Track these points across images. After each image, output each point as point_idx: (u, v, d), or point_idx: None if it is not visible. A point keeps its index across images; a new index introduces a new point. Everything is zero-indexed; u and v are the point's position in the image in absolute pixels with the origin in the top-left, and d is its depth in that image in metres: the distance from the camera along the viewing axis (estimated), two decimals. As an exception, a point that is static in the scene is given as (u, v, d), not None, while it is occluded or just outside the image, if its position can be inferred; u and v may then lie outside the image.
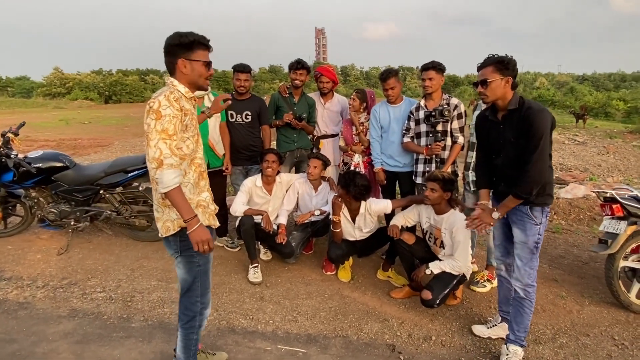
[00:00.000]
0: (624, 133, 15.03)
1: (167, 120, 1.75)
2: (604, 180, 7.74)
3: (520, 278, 2.39)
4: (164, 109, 1.77)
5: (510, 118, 2.29)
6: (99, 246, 4.14)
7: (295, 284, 3.44)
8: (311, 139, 4.26)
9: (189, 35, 1.84)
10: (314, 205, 3.83)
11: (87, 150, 10.89)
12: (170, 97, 1.79)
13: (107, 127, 17.34)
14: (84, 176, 3.98)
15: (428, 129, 3.45)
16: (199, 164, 2.00)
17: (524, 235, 2.35)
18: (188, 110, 1.88)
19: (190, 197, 1.94)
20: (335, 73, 4.22)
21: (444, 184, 2.93)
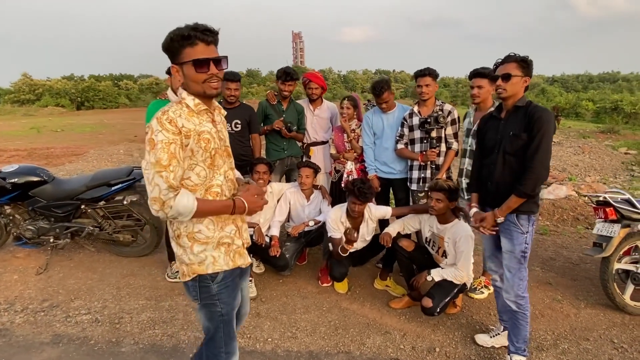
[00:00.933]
0: (596, 133, 15.58)
1: (159, 149, 1.45)
2: (583, 180, 7.96)
3: (510, 289, 2.39)
4: (156, 135, 1.47)
5: (515, 114, 2.30)
6: (81, 264, 3.93)
7: (292, 298, 3.34)
8: (301, 146, 4.18)
9: (172, 33, 1.50)
10: (306, 215, 3.75)
11: (60, 159, 10.45)
12: (163, 119, 1.48)
13: (81, 135, 16.74)
14: (63, 191, 3.76)
15: (422, 135, 3.43)
16: (217, 193, 1.64)
17: (511, 244, 2.34)
18: (190, 131, 1.53)
19: (210, 235, 1.63)
20: (323, 79, 4.16)
21: (450, 194, 2.90)
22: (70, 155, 11.17)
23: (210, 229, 1.64)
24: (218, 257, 1.65)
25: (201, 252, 1.62)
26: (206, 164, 1.59)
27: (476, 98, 3.18)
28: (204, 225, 1.62)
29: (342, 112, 3.82)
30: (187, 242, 1.62)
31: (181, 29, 1.48)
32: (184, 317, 3.02)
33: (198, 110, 1.59)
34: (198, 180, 1.59)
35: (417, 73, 3.42)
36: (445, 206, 2.91)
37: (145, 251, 4.06)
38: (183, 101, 1.58)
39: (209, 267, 1.63)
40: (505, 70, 2.27)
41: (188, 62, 1.50)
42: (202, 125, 1.58)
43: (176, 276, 3.59)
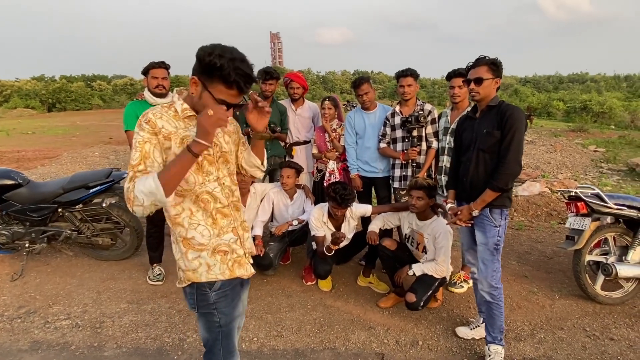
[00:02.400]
0: (567, 131, 16.15)
1: (133, 149, 1.45)
2: (555, 177, 8.25)
3: (484, 280, 2.48)
4: (136, 133, 1.47)
5: (488, 113, 2.41)
6: (59, 269, 3.83)
7: (276, 297, 3.35)
8: (284, 146, 4.19)
9: (218, 56, 1.36)
10: (290, 214, 3.77)
11: (32, 163, 10.10)
12: (142, 120, 1.47)
13: (53, 138, 16.21)
14: (39, 194, 3.66)
15: (404, 134, 3.50)
16: (207, 200, 1.58)
17: (484, 237, 2.44)
18: (171, 134, 1.48)
19: (205, 242, 1.58)
20: (305, 79, 4.19)
21: (429, 191, 2.98)
22: (42, 158, 10.81)
23: (205, 236, 1.59)
24: (213, 265, 1.61)
25: (195, 259, 1.59)
26: (192, 169, 1.53)
27: (457, 97, 3.28)
28: (198, 232, 1.58)
29: (324, 112, 3.86)
30: (183, 248, 1.60)
31: (230, 63, 1.37)
32: (167, 320, 3.00)
33: (184, 115, 1.54)
34: (187, 185, 1.54)
35: (399, 73, 3.50)
36: (425, 203, 2.99)
37: (125, 254, 4.00)
38: (172, 105, 1.55)
39: (202, 275, 1.59)
40: (476, 74, 2.37)
41: (212, 94, 1.42)
42: (187, 130, 1.52)
43: (158, 278, 3.55)
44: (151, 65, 3.26)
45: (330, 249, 3.19)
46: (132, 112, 3.27)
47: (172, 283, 3.48)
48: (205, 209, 1.59)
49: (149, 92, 3.29)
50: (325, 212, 3.37)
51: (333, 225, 3.39)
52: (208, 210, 1.59)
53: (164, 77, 3.29)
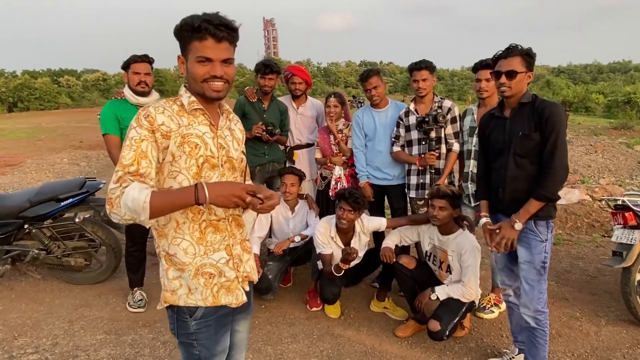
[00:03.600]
0: (609, 129, 16.16)
1: (127, 146, 1.44)
2: (596, 182, 8.26)
3: (529, 304, 2.47)
4: (129, 131, 1.48)
5: (521, 112, 2.39)
6: (24, 294, 3.85)
7: (277, 326, 3.35)
8: (283, 150, 4.22)
9: (183, 20, 1.49)
10: (291, 229, 3.79)
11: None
12: (141, 115, 1.49)
13: (15, 142, 16.30)
14: (2, 207, 3.68)
15: (420, 136, 3.52)
16: (200, 210, 1.56)
17: (529, 254, 2.43)
18: (172, 131, 1.50)
19: (187, 261, 1.56)
20: (308, 73, 4.23)
21: (453, 200, 2.98)
22: (2, 166, 10.87)
23: (189, 254, 1.56)
24: (195, 289, 1.58)
25: (175, 278, 1.58)
26: (190, 173, 1.52)
27: (484, 92, 3.30)
28: (181, 248, 1.56)
29: (328, 110, 3.87)
30: (165, 264, 1.60)
31: (193, 18, 1.47)
32: (150, 353, 3.00)
33: (190, 109, 1.56)
34: None
35: (412, 66, 3.52)
36: (448, 215, 3.00)
37: (101, 277, 4.01)
38: (179, 98, 1.59)
39: (181, 298, 1.58)
40: (509, 67, 2.34)
41: (192, 57, 1.50)
42: (190, 127, 1.54)
43: (139, 305, 3.55)
44: (132, 59, 3.29)
45: (339, 268, 3.19)
46: (111, 113, 3.30)
47: (155, 310, 3.49)
48: (193, 221, 1.56)
49: (129, 90, 3.32)
50: (332, 225, 3.38)
51: (342, 242, 3.40)
52: (197, 222, 1.57)
53: (147, 72, 3.32)
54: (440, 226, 3.08)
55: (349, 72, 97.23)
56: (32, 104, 44.36)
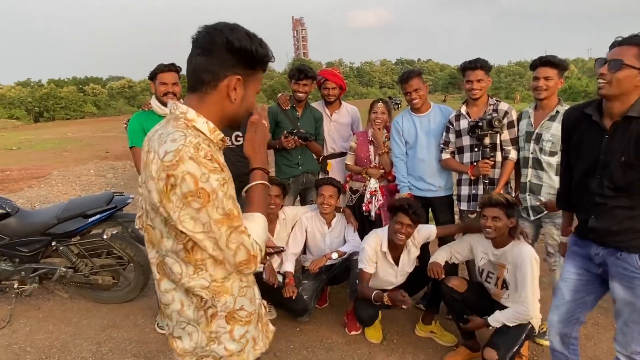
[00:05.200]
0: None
1: (221, 198, 1.25)
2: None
3: (625, 345, 2.24)
4: (204, 180, 1.21)
5: (626, 128, 2.05)
6: (52, 314, 3.97)
7: (313, 351, 3.33)
8: (316, 159, 4.21)
9: (263, 44, 1.38)
10: (327, 245, 3.76)
11: (18, 184, 10.66)
12: (201, 157, 1.22)
13: (42, 153, 17.08)
14: (30, 224, 3.83)
15: (473, 142, 3.44)
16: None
17: (631, 294, 2.14)
18: (224, 165, 1.32)
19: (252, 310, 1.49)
20: (342, 77, 4.21)
21: (507, 209, 2.89)
22: (29, 178, 11.39)
23: (252, 301, 1.48)
24: (257, 337, 1.52)
25: (242, 336, 1.45)
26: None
27: (542, 92, 3.18)
28: (248, 298, 1.46)
29: (375, 117, 3.80)
30: (225, 326, 1.42)
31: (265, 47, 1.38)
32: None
33: (215, 138, 1.38)
34: None
35: (466, 65, 3.45)
36: (503, 225, 2.90)
37: (130, 296, 4.10)
38: (190, 124, 1.33)
39: (249, 354, 1.47)
40: (616, 55, 2.00)
41: (253, 87, 1.43)
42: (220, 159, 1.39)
43: None
44: (159, 68, 3.36)
45: (380, 296, 3.10)
46: (138, 126, 3.37)
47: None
48: None
49: (156, 101, 3.40)
50: (384, 239, 3.32)
51: (392, 257, 3.34)
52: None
53: (175, 82, 3.37)
54: (494, 239, 2.97)
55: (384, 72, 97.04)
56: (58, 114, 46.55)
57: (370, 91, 74.92)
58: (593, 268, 2.27)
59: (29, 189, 10.06)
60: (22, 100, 47.63)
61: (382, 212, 3.83)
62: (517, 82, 74.73)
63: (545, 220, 3.26)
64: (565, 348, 2.43)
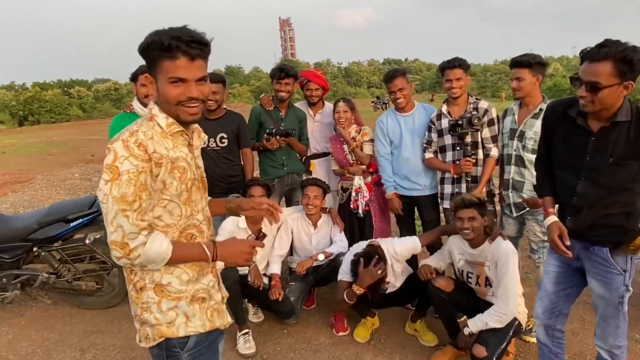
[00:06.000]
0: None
1: (125, 181, 1.41)
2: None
3: (604, 339, 2.28)
4: (121, 162, 1.42)
5: (615, 132, 2.04)
6: (35, 321, 3.91)
7: (301, 353, 3.31)
8: (300, 159, 4.20)
9: (150, 37, 1.46)
10: (314, 246, 3.75)
11: (2, 189, 10.48)
12: (131, 142, 1.43)
13: (26, 157, 16.84)
14: (10, 230, 3.76)
15: (454, 140, 3.45)
16: (192, 235, 1.64)
17: (605, 288, 2.18)
18: (163, 157, 1.50)
19: (183, 288, 1.60)
20: (325, 78, 4.21)
21: (481, 209, 2.91)
22: (13, 183, 11.20)
23: (184, 280, 1.60)
24: (192, 315, 1.62)
25: (171, 309, 1.59)
26: (181, 199, 1.57)
27: (516, 92, 3.21)
28: (176, 276, 1.59)
29: (338, 116, 3.84)
30: (154, 297, 1.58)
31: (161, 35, 1.44)
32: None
33: (171, 131, 1.56)
34: (171, 219, 1.57)
35: (444, 65, 3.46)
36: (480, 224, 2.93)
37: (114, 301, 4.04)
38: (154, 118, 1.55)
39: (180, 328, 1.60)
40: (593, 76, 1.93)
41: (163, 78, 1.49)
42: (176, 150, 1.56)
43: None
44: (140, 70, 3.32)
45: (352, 294, 3.08)
46: (120, 128, 3.32)
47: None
48: None
49: (138, 103, 3.36)
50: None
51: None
52: None
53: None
54: (472, 239, 2.98)
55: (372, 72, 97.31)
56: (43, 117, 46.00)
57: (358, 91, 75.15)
58: (572, 261, 2.30)
59: (12, 193, 9.90)
60: (6, 104, 47.05)
61: (371, 207, 3.86)
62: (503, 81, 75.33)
63: (527, 217, 3.28)
64: (550, 340, 2.46)
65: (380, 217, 3.89)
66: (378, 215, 3.86)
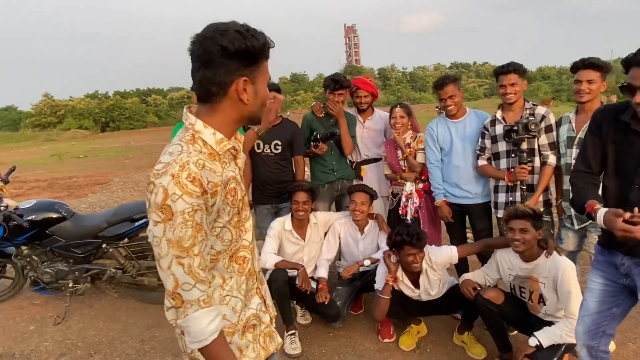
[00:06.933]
0: None
1: (180, 223, 1.22)
2: None
3: None
4: (174, 200, 1.22)
5: None
6: (102, 312, 4.23)
7: (345, 356, 3.34)
8: (350, 165, 4.24)
9: (257, 35, 1.31)
10: (361, 251, 3.77)
11: (83, 190, 11.39)
12: (183, 177, 1.22)
13: (106, 161, 18.15)
14: (83, 228, 4.11)
15: (509, 147, 3.35)
16: (245, 258, 1.48)
17: None
18: (217, 185, 1.31)
19: (235, 320, 1.46)
20: (374, 84, 4.23)
21: (535, 221, 2.79)
22: (93, 184, 12.15)
23: (237, 311, 1.46)
24: (245, 347, 1.49)
25: None
26: (233, 223, 1.41)
27: (584, 95, 3.07)
28: (230, 307, 1.44)
29: (394, 122, 3.83)
30: None
31: (258, 34, 1.32)
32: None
33: (222, 150, 1.37)
34: (222, 246, 1.41)
35: (498, 70, 3.38)
36: (532, 237, 2.79)
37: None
38: (197, 135, 1.34)
39: None
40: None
41: (263, 79, 1.38)
42: (226, 172, 1.37)
43: None
44: None
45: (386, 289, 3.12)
46: None
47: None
48: (240, 272, 1.47)
49: None
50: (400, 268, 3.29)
51: (410, 280, 3.29)
52: (243, 273, 1.48)
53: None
54: (523, 252, 2.87)
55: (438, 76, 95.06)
56: (122, 124, 49.24)
57: (423, 96, 73.72)
58: (620, 278, 2.15)
59: (92, 194, 10.73)
60: (91, 111, 50.85)
61: (420, 214, 3.82)
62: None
63: (590, 229, 3.12)
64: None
65: (429, 225, 3.84)
66: (427, 223, 3.82)
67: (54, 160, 19.69)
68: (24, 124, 52.68)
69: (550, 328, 2.79)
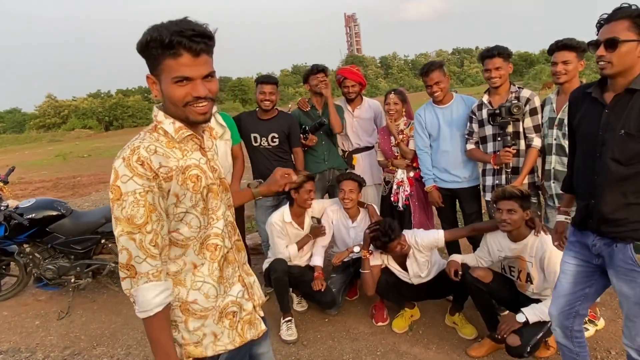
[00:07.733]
0: None
1: (130, 202, 1.31)
2: None
3: (632, 339, 2.12)
4: (123, 181, 1.32)
5: (627, 100, 1.95)
6: (104, 306, 4.34)
7: (339, 341, 3.42)
8: (342, 155, 4.29)
9: (148, 34, 1.33)
10: (352, 238, 3.82)
11: (87, 189, 11.53)
12: (133, 160, 1.32)
13: (109, 160, 18.13)
14: (82, 224, 4.21)
15: (495, 131, 3.39)
16: (217, 245, 1.52)
17: (629, 287, 2.02)
18: (172, 170, 1.38)
19: (210, 305, 1.50)
20: (361, 74, 4.25)
21: (522, 201, 2.84)
22: (97, 183, 12.28)
23: (211, 297, 1.50)
24: (221, 333, 1.53)
25: (198, 329, 1.49)
26: (198, 210, 1.46)
27: (561, 76, 3.09)
28: (202, 293, 1.49)
29: (388, 108, 3.86)
30: (181, 315, 1.48)
31: (161, 31, 1.31)
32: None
33: (180, 138, 1.44)
34: (190, 232, 1.46)
35: (484, 54, 3.41)
36: (520, 217, 2.85)
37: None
38: (159, 125, 1.44)
39: (208, 348, 1.50)
40: (609, 34, 1.91)
41: (166, 78, 1.37)
42: (187, 159, 1.44)
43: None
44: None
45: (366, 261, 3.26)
46: None
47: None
48: (212, 259, 1.51)
49: None
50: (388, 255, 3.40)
51: (397, 263, 3.38)
52: (215, 260, 1.52)
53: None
54: (510, 232, 2.93)
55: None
56: (126, 122, 49.42)
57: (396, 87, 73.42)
58: (592, 259, 2.17)
59: (96, 192, 10.88)
60: (94, 110, 51.12)
61: (411, 202, 3.87)
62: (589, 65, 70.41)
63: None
64: (569, 341, 2.34)
65: (420, 212, 3.88)
66: (417, 211, 3.86)
67: (58, 160, 19.90)
68: (29, 125, 53.05)
69: (537, 305, 2.84)
